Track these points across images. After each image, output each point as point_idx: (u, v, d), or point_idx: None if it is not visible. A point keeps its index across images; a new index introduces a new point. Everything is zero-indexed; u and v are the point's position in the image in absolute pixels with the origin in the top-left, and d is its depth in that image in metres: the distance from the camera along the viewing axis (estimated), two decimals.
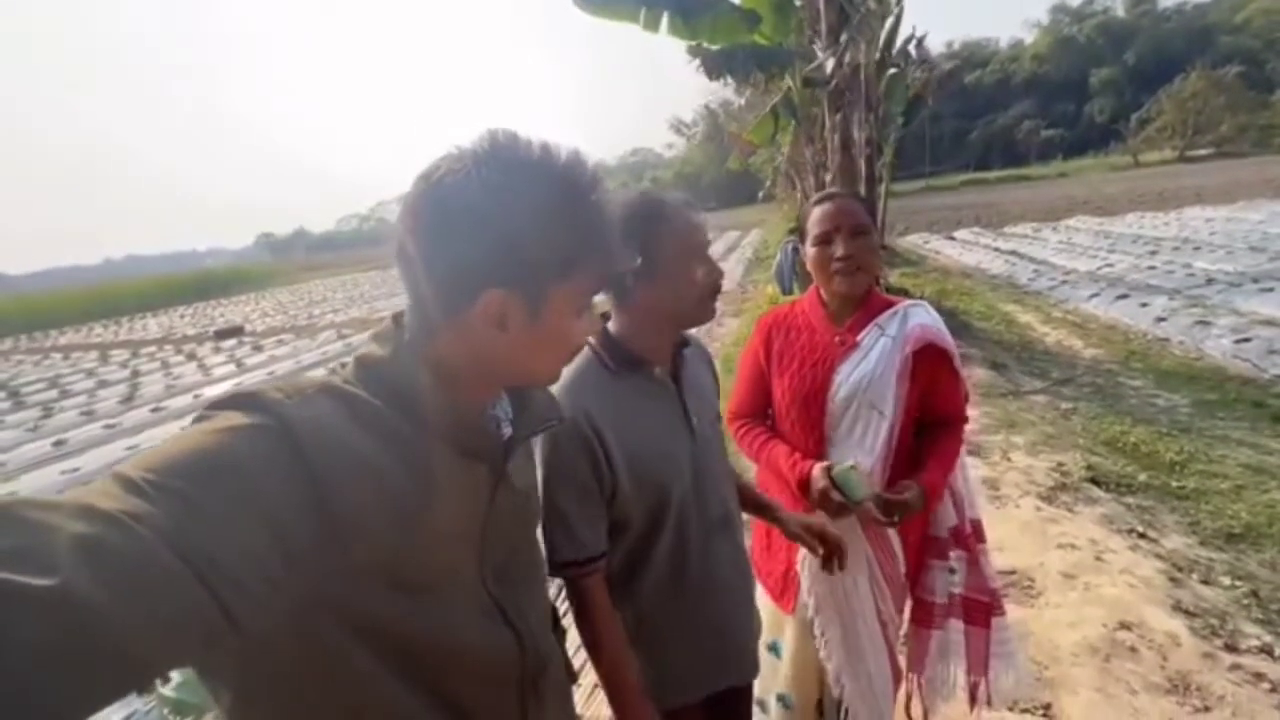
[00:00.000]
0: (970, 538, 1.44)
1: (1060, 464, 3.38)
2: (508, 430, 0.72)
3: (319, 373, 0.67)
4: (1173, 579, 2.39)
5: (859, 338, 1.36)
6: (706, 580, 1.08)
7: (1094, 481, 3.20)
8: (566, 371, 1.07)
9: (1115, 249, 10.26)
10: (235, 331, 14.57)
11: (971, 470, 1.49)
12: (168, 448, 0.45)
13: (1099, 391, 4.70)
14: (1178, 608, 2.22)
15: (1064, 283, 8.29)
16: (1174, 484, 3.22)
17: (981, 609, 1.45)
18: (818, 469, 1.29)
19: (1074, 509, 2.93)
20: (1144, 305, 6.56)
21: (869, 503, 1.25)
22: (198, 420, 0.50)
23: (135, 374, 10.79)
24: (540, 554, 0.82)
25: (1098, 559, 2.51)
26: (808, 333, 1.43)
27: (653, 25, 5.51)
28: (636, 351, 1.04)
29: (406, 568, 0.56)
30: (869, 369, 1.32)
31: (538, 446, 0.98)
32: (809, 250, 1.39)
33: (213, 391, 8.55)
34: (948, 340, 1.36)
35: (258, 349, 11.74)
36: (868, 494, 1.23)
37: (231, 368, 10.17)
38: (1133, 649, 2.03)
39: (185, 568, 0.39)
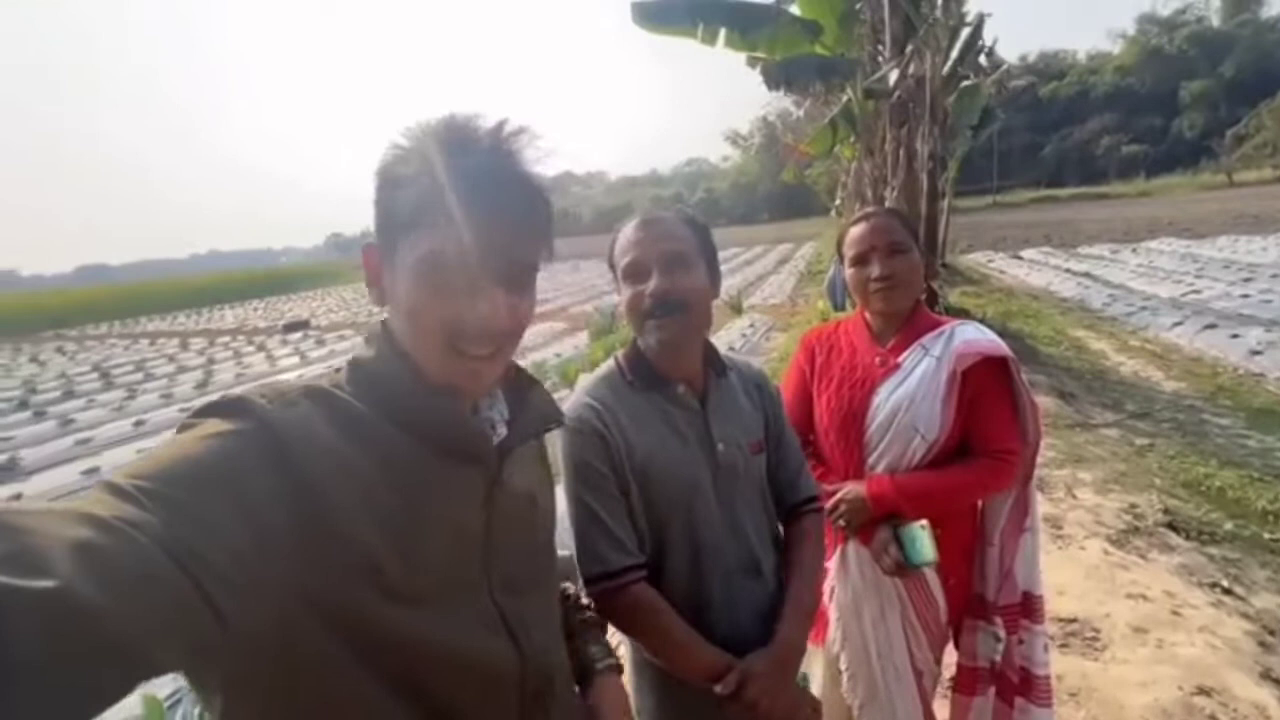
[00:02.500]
0: (1015, 610, 1.34)
1: (1133, 505, 3.13)
2: (503, 432, 0.70)
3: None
4: (1262, 643, 2.16)
5: (900, 358, 1.31)
6: (731, 630, 0.99)
7: (1171, 527, 2.94)
8: (588, 375, 1.07)
9: (1204, 274, 9.51)
10: (301, 326, 15.36)
11: (1028, 533, 1.36)
12: (155, 455, 0.46)
13: (1180, 428, 4.34)
14: (1266, 675, 2.00)
15: (1143, 309, 7.74)
16: (1266, 535, 2.92)
17: (1009, 687, 1.36)
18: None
19: (1147, 556, 2.70)
20: (1235, 336, 6.03)
21: (925, 569, 1.24)
22: (184, 427, 0.51)
23: (210, 362, 11.52)
24: (552, 562, 0.78)
25: (1174, 613, 2.30)
26: (849, 352, 1.39)
27: (710, 39, 5.51)
28: (658, 367, 1.02)
29: (396, 574, 0.55)
30: (910, 390, 1.27)
31: (558, 449, 0.97)
32: (847, 272, 1.36)
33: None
34: (1001, 347, 1.28)
35: (320, 343, 12.33)
36: (930, 559, 1.19)
37: (295, 360, 10.72)
38: (1212, 717, 1.84)
39: (176, 567, 0.40)
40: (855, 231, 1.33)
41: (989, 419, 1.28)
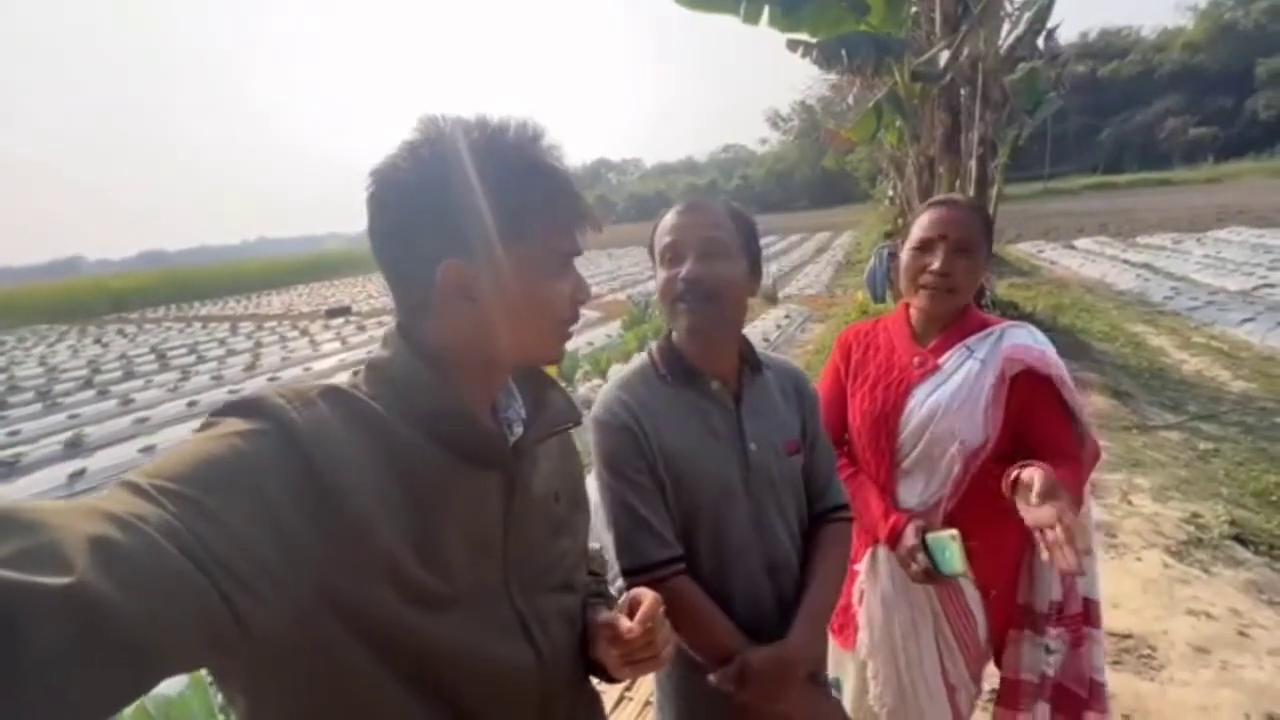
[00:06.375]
0: (1079, 619, 1.26)
1: (1195, 514, 2.94)
2: (519, 432, 0.70)
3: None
4: None
5: (941, 360, 1.23)
6: (754, 622, 0.96)
7: (1238, 540, 2.76)
8: (619, 370, 1.05)
9: (1278, 266, 8.89)
10: (343, 311, 15.77)
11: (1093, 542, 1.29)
12: (174, 455, 0.46)
13: (1250, 432, 4.07)
14: None
15: (1209, 303, 7.29)
16: None
17: (1074, 702, 1.27)
18: (911, 527, 1.19)
19: (1211, 570, 2.54)
20: None
21: (959, 579, 1.16)
22: (203, 427, 0.51)
23: (258, 345, 11.96)
24: (578, 560, 0.77)
25: (1240, 633, 2.15)
26: (886, 351, 1.32)
27: (753, 17, 5.32)
28: (692, 361, 1.00)
29: (415, 576, 0.55)
30: (948, 394, 1.20)
31: (590, 443, 0.96)
32: (905, 253, 1.27)
33: (321, 365, 9.30)
34: (1051, 363, 1.18)
35: (361, 329, 12.65)
36: (959, 570, 1.11)
37: (337, 344, 11.03)
38: None
39: (193, 567, 0.40)
40: (928, 216, 1.24)
41: (1053, 424, 1.19)
